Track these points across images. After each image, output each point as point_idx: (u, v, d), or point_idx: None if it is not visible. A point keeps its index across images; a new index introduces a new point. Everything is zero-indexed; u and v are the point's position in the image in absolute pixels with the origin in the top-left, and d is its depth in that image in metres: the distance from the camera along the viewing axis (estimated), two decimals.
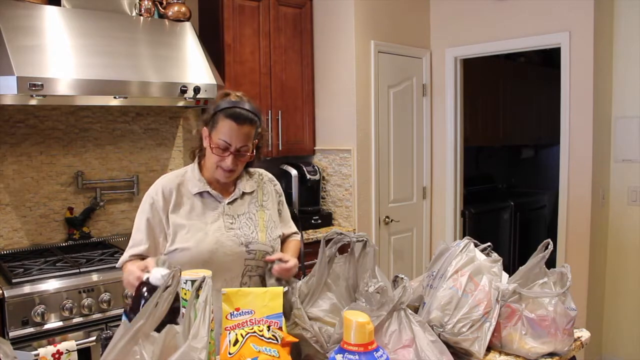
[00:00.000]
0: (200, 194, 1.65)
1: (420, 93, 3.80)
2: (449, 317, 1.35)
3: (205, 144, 1.63)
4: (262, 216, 1.69)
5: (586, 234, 3.14)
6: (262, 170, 1.82)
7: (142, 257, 1.61)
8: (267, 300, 1.28)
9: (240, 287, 1.58)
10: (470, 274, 1.42)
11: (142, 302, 1.16)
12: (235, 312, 1.25)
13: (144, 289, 1.19)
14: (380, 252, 3.54)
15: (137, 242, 1.64)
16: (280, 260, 1.59)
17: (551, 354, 1.39)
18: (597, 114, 3.13)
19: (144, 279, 1.22)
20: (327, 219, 3.47)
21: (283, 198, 1.84)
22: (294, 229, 1.88)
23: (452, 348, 1.32)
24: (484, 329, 1.37)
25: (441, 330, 1.34)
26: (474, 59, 3.77)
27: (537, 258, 1.50)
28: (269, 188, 1.79)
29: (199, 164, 1.70)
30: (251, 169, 1.76)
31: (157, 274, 1.20)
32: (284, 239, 1.83)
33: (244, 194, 1.70)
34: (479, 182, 5.22)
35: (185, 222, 1.61)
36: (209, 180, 1.67)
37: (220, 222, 1.62)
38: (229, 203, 1.66)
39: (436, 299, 1.38)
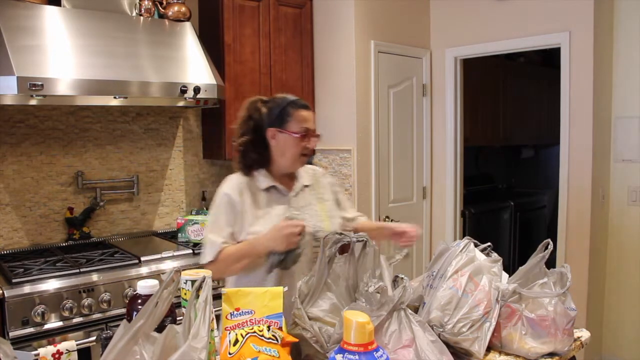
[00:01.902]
0: (268, 189, 1.79)
1: (420, 93, 3.80)
2: (449, 317, 1.35)
3: (275, 142, 1.76)
4: (323, 207, 1.86)
5: (586, 234, 3.14)
6: (313, 166, 2.01)
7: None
8: (267, 300, 1.28)
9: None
10: (470, 274, 1.42)
11: (135, 313, 1.16)
12: (235, 312, 1.25)
13: (138, 301, 1.19)
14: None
15: (221, 233, 1.73)
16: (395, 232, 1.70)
17: (551, 354, 1.39)
18: (597, 114, 3.13)
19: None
20: None
21: (337, 187, 2.01)
22: (357, 212, 2.02)
23: (452, 348, 1.32)
24: (484, 329, 1.37)
25: (441, 330, 1.34)
26: (474, 59, 3.77)
27: (537, 258, 1.50)
28: (323, 181, 1.96)
29: (266, 166, 1.82)
30: (303, 166, 1.90)
31: (144, 284, 1.20)
32: (353, 224, 1.95)
33: (304, 186, 1.87)
34: (479, 182, 5.22)
35: (258, 213, 1.75)
36: (275, 177, 1.82)
37: (287, 210, 1.77)
38: (293, 196, 1.83)
39: (436, 299, 1.38)
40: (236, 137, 1.81)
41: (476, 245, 1.55)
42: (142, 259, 2.54)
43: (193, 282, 1.26)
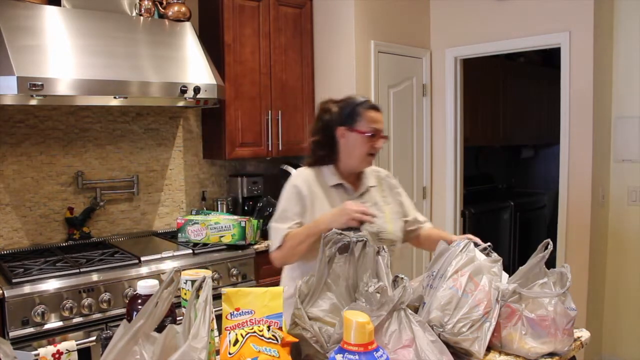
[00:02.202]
0: (335, 186, 1.85)
1: (420, 93, 3.80)
2: (449, 317, 1.35)
3: (343, 141, 1.81)
4: (387, 209, 1.88)
5: (586, 234, 3.14)
6: (377, 167, 2.04)
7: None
8: (267, 300, 1.28)
9: None
10: (470, 274, 1.42)
11: (135, 313, 1.16)
12: (235, 312, 1.25)
13: (138, 301, 1.19)
14: None
15: (287, 222, 1.78)
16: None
17: (551, 354, 1.38)
18: (597, 114, 3.13)
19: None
20: None
21: (401, 189, 2.03)
22: (421, 216, 2.03)
23: (452, 348, 1.32)
24: (484, 329, 1.36)
25: (441, 330, 1.34)
26: (474, 59, 3.77)
27: (537, 258, 1.50)
28: (387, 183, 1.99)
29: (334, 164, 1.87)
30: (368, 167, 1.94)
31: (144, 284, 1.20)
32: (416, 228, 1.97)
33: (369, 187, 1.90)
34: (479, 182, 5.21)
35: (325, 209, 1.78)
36: (342, 175, 1.87)
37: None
38: (359, 196, 1.86)
39: (436, 299, 1.38)
40: (309, 135, 1.91)
41: (476, 245, 1.55)
42: (142, 259, 2.54)
43: (193, 282, 1.26)
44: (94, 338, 2.27)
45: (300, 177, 1.84)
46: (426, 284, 1.47)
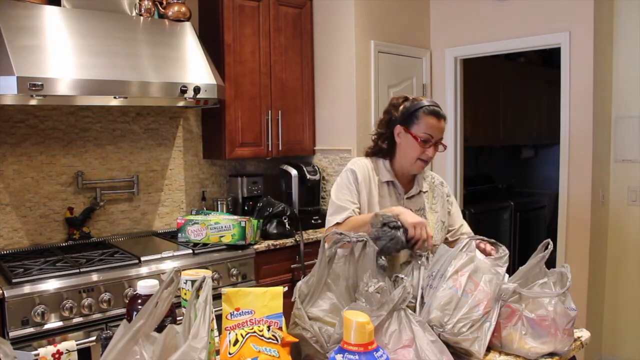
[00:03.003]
0: (387, 183, 1.88)
1: (420, 93, 3.80)
2: (449, 317, 1.35)
3: (399, 140, 1.83)
4: (432, 217, 1.88)
5: (586, 234, 3.14)
6: (433, 173, 2.04)
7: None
8: (267, 300, 1.28)
9: None
10: (470, 273, 1.42)
11: (135, 313, 1.16)
12: (235, 312, 1.25)
13: (138, 301, 1.19)
14: None
15: (348, 203, 1.80)
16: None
17: (551, 354, 1.38)
18: (597, 114, 3.13)
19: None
20: None
21: (452, 198, 2.03)
22: (466, 227, 2.02)
23: (452, 348, 1.32)
24: (484, 329, 1.36)
25: (441, 330, 1.34)
26: (474, 59, 3.77)
27: (537, 258, 1.50)
28: (439, 191, 1.98)
29: (390, 160, 1.90)
30: (424, 171, 1.96)
31: (144, 284, 1.20)
32: (457, 239, 1.94)
33: (420, 192, 1.92)
34: (479, 182, 5.21)
35: (375, 201, 1.83)
36: (396, 173, 1.89)
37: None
38: (407, 198, 1.89)
39: (436, 299, 1.38)
40: (376, 127, 1.94)
41: (481, 241, 1.55)
42: (142, 259, 2.54)
43: (193, 282, 1.26)
44: (94, 338, 2.27)
45: (358, 164, 1.87)
46: (426, 284, 1.47)
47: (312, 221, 3.37)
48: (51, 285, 2.23)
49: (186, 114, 3.34)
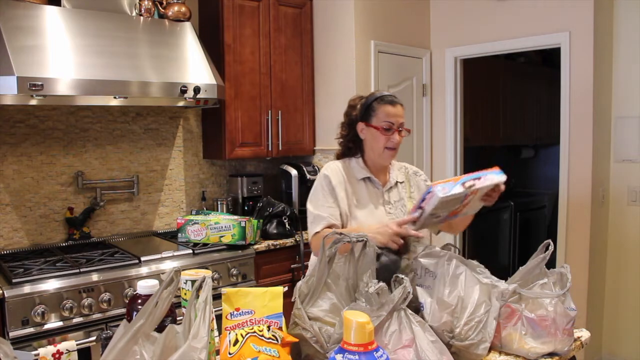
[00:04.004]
0: (364, 179, 1.91)
1: (420, 93, 3.80)
2: (457, 320, 1.35)
3: (364, 135, 1.87)
4: (411, 205, 1.89)
5: (586, 234, 3.14)
6: (406, 164, 2.08)
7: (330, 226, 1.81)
8: (267, 300, 1.28)
9: None
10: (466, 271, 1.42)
11: (135, 313, 1.16)
12: (235, 312, 1.25)
13: (138, 301, 1.19)
14: None
15: (324, 209, 1.83)
16: None
17: (551, 354, 1.38)
18: (597, 114, 3.13)
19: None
20: None
21: (430, 183, 2.02)
22: None
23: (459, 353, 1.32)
24: (487, 329, 1.36)
25: (451, 336, 1.34)
26: (474, 59, 3.76)
27: (538, 259, 1.50)
28: (414, 180, 2.02)
29: (362, 157, 1.93)
30: (396, 163, 2.01)
31: (144, 284, 1.20)
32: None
33: (397, 182, 1.96)
34: None
35: (354, 201, 1.87)
36: (370, 169, 1.92)
37: (381, 207, 1.89)
38: (386, 190, 1.93)
39: (443, 304, 1.38)
40: (339, 130, 1.99)
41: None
42: (142, 259, 2.54)
43: (193, 282, 1.26)
44: (94, 338, 2.27)
45: (331, 168, 1.90)
46: (416, 283, 1.47)
47: None
48: (51, 285, 2.23)
49: (186, 114, 3.34)
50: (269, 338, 1.22)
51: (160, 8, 2.92)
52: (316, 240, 1.84)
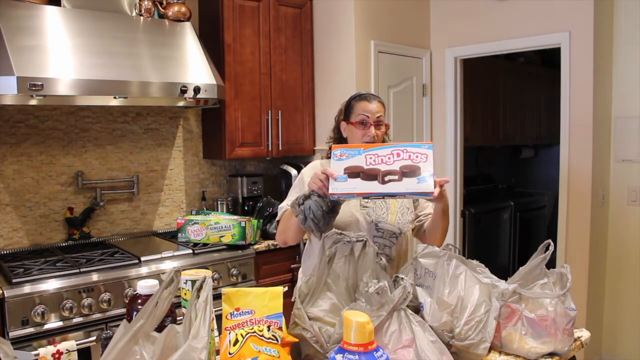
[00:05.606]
0: None
1: (420, 93, 3.80)
2: (457, 319, 1.35)
3: (346, 134, 1.92)
4: (394, 203, 1.91)
5: (586, 234, 3.14)
6: None
7: None
8: (267, 300, 1.28)
9: None
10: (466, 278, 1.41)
11: (135, 313, 1.16)
12: (235, 312, 1.25)
13: (138, 301, 1.19)
14: None
15: (288, 201, 1.87)
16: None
17: (551, 354, 1.39)
18: (597, 114, 3.13)
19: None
20: None
21: None
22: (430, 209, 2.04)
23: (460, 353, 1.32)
24: (488, 329, 1.36)
25: (450, 336, 1.34)
26: (474, 59, 3.77)
27: (538, 259, 1.49)
28: None
29: None
30: None
31: (144, 284, 1.20)
32: (423, 223, 1.96)
33: None
34: (479, 182, 5.22)
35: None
36: None
37: (356, 200, 1.86)
38: None
39: (443, 304, 1.38)
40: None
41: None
42: (142, 259, 2.54)
43: (193, 282, 1.27)
44: (94, 338, 2.27)
45: (308, 166, 1.96)
46: (416, 283, 1.47)
47: None
48: (51, 285, 2.24)
49: (186, 114, 3.34)
50: (269, 338, 1.22)
51: (160, 8, 2.92)
52: (277, 231, 1.90)
